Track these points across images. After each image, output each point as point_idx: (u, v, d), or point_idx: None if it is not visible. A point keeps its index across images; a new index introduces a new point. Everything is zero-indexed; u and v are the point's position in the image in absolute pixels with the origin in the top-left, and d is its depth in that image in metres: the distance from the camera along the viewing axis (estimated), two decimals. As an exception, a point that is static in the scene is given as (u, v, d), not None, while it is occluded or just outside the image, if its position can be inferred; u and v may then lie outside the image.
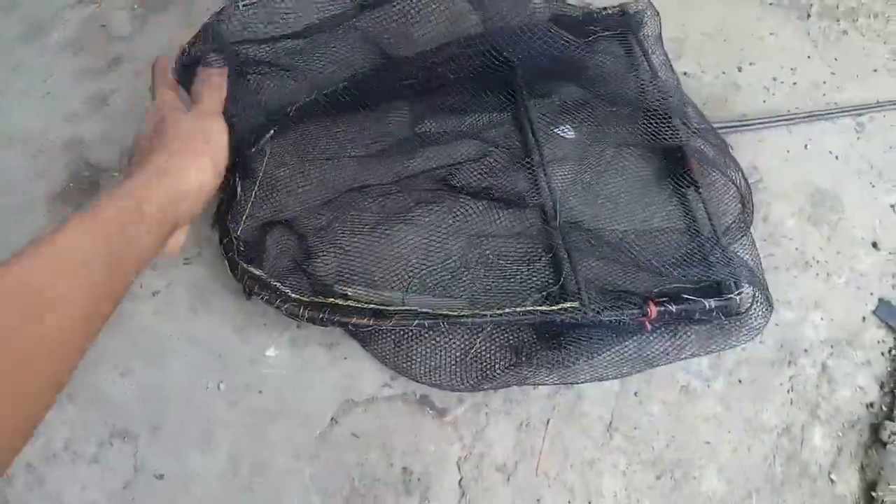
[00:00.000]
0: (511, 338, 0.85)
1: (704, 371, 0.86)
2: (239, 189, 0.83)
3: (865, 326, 0.89)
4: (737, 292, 0.82)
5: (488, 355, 0.84)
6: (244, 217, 0.82)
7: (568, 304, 0.80)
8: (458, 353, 0.84)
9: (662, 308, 0.81)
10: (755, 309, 0.84)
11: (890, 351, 0.87)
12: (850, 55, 1.05)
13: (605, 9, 1.04)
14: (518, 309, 0.81)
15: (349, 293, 0.83)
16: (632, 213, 0.92)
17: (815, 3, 1.09)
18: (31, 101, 0.97)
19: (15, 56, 1.00)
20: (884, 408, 0.85)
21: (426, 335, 0.85)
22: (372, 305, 0.79)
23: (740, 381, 0.85)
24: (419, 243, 0.89)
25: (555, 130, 0.97)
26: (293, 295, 0.80)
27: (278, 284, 0.79)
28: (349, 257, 0.87)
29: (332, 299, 0.80)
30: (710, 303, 0.81)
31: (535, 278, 0.88)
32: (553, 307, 0.80)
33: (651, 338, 0.85)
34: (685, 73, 1.02)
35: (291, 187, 0.90)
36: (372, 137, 0.95)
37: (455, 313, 0.80)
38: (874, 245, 0.93)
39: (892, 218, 0.94)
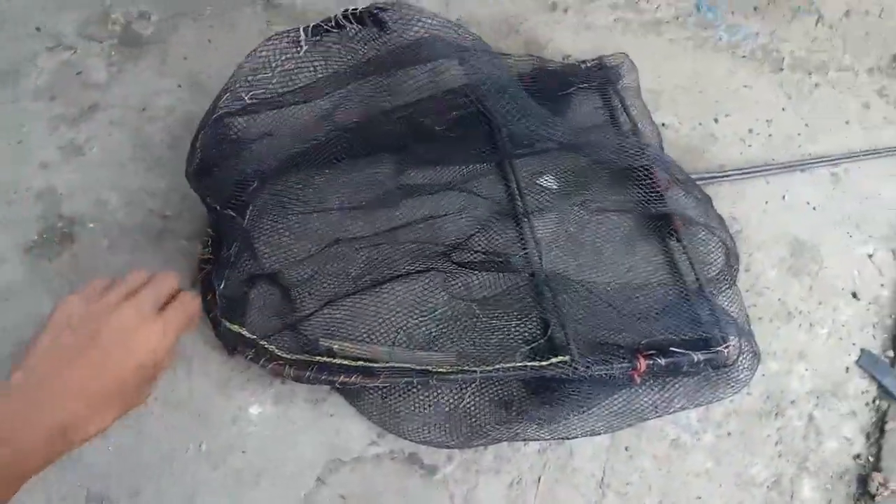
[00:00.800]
0: (500, 392, 0.84)
1: (693, 424, 0.85)
2: (223, 245, 0.81)
3: (849, 377, 0.90)
4: (724, 345, 0.82)
5: (477, 410, 0.83)
6: (227, 273, 0.80)
7: (557, 359, 0.79)
8: (446, 409, 0.82)
9: (651, 361, 0.81)
10: (742, 361, 0.84)
11: (874, 401, 0.89)
12: (822, 107, 1.08)
13: (583, 62, 1.06)
14: (508, 364, 0.80)
15: (334, 348, 0.81)
16: (616, 264, 0.92)
17: (787, 56, 1.12)
18: (3, 148, 0.94)
19: (-14, 103, 0.97)
20: (870, 458, 0.86)
21: (414, 390, 0.83)
22: (359, 363, 0.77)
23: (729, 434, 0.85)
24: (405, 297, 0.88)
25: (538, 181, 0.98)
26: (278, 353, 0.78)
27: (264, 343, 0.77)
28: (333, 310, 0.86)
29: (318, 357, 0.78)
30: (698, 356, 0.81)
31: (522, 330, 0.87)
32: (543, 363, 0.79)
33: (640, 391, 0.84)
34: (663, 124, 1.03)
35: (274, 240, 0.88)
36: (355, 189, 0.94)
37: (444, 370, 0.79)
38: (854, 295, 0.94)
39: (870, 268, 0.96)
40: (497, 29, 1.10)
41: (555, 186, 0.97)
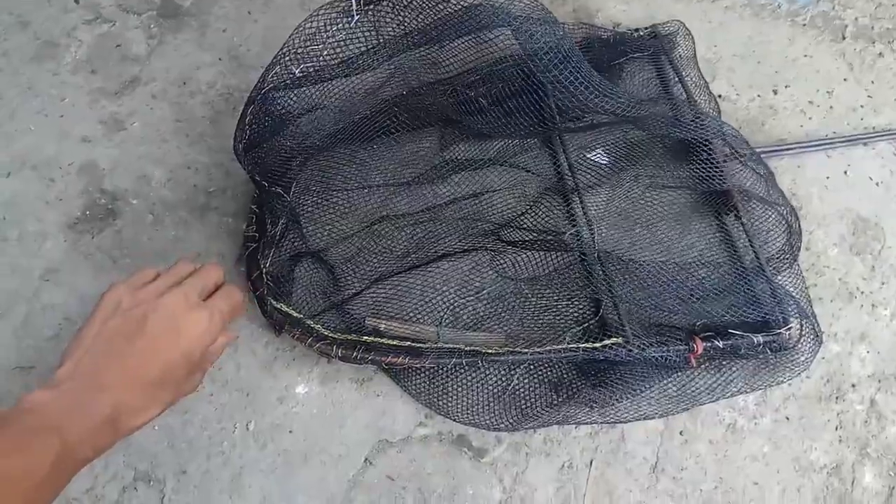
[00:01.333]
0: (549, 373, 0.82)
1: (750, 408, 0.83)
2: (267, 223, 0.79)
3: (913, 360, 0.86)
4: (786, 328, 0.79)
5: (526, 392, 0.81)
6: (272, 251, 0.78)
7: (612, 341, 0.77)
8: (495, 390, 0.81)
9: (708, 344, 0.78)
10: (803, 343, 0.81)
11: (939, 386, 0.85)
12: (886, 78, 1.03)
13: (636, 30, 1.02)
14: (559, 346, 0.78)
15: (381, 327, 0.80)
16: (670, 241, 0.89)
17: (850, 24, 1.06)
18: (44, 123, 0.93)
19: (27, 76, 0.96)
20: (935, 445, 0.82)
21: (461, 371, 0.82)
22: (406, 343, 0.75)
23: (787, 419, 0.82)
24: (452, 275, 0.86)
25: (588, 156, 0.94)
26: (325, 332, 0.76)
27: (310, 322, 0.76)
28: (379, 289, 0.84)
29: (365, 337, 0.77)
30: (758, 338, 0.79)
31: (572, 310, 0.85)
32: (596, 344, 0.77)
33: (695, 374, 0.82)
34: (720, 96, 0.99)
35: (318, 217, 0.86)
36: (400, 164, 0.92)
37: (493, 351, 0.77)
38: (919, 275, 0.90)
39: (936, 247, 0.92)
40: (544, -3, 1.06)
41: (605, 161, 0.94)
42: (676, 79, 0.96)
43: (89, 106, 0.95)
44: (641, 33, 1.01)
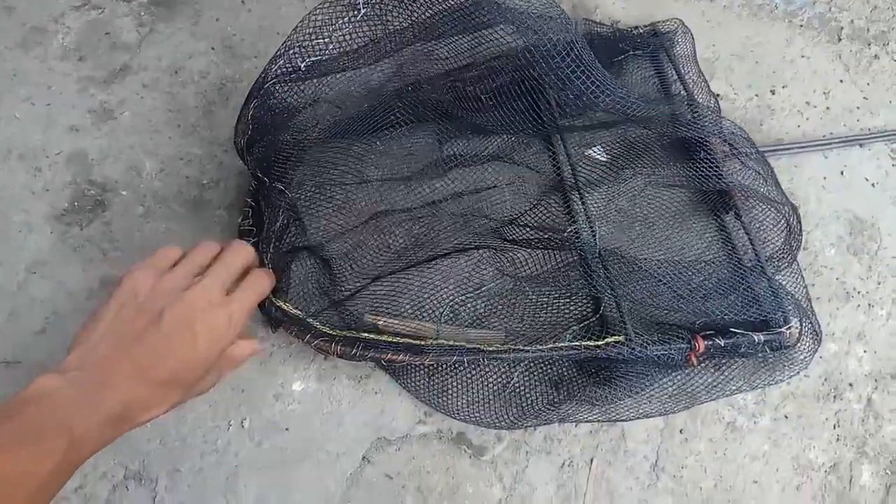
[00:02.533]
0: (550, 371, 0.81)
1: (749, 406, 0.82)
2: (265, 218, 0.77)
3: (909, 360, 0.87)
4: (786, 326, 0.79)
5: (526, 390, 0.80)
6: (271, 246, 0.76)
7: (613, 339, 0.76)
8: (495, 388, 0.80)
9: (710, 342, 0.77)
10: (803, 342, 0.81)
11: (935, 385, 0.85)
12: (882, 80, 1.03)
13: (636, 27, 1.01)
14: (561, 344, 0.77)
15: (380, 323, 0.78)
16: (670, 240, 0.88)
17: (846, 26, 1.07)
18: (31, 111, 0.90)
19: (12, 63, 0.93)
20: (931, 445, 0.83)
21: (461, 368, 0.80)
22: (406, 340, 0.74)
23: (786, 417, 0.82)
24: (451, 272, 0.84)
25: (587, 152, 0.94)
26: (323, 329, 0.75)
27: (309, 319, 0.74)
28: (377, 285, 0.82)
29: (364, 333, 0.75)
30: (759, 336, 0.78)
31: (573, 308, 0.84)
32: (598, 342, 0.76)
33: (695, 373, 0.81)
34: (718, 95, 0.99)
35: (316, 212, 0.85)
36: (398, 160, 0.90)
37: (494, 348, 0.76)
38: (914, 275, 0.91)
39: (931, 247, 0.93)
40: (542, -8, 1.05)
41: (604, 158, 0.93)
42: (676, 77, 0.95)
43: (78, 94, 0.92)
44: (641, 31, 1.00)
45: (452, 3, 0.71)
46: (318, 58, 0.69)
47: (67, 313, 0.79)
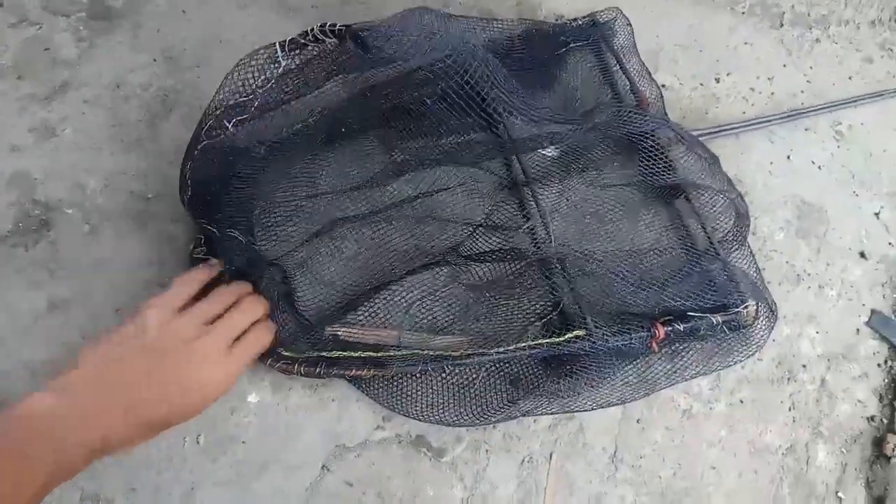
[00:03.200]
0: (510, 369, 0.81)
1: (705, 393, 0.83)
2: (215, 231, 0.76)
3: (860, 338, 0.88)
4: (743, 306, 0.80)
5: (485, 389, 0.80)
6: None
7: (574, 334, 0.76)
8: (456, 389, 0.79)
9: (670, 328, 0.78)
10: (759, 322, 0.82)
11: (886, 362, 0.87)
12: (824, 63, 1.05)
13: (575, 19, 1.01)
14: (524, 344, 0.77)
15: (340, 334, 0.78)
16: (623, 231, 0.89)
17: (787, 11, 1.08)
18: (-31, 133, 0.88)
19: (-51, 83, 0.91)
20: (884, 420, 0.84)
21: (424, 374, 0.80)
22: (369, 354, 0.74)
23: (742, 402, 0.83)
24: (410, 280, 0.84)
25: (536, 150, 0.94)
26: (285, 353, 0.74)
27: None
28: (332, 293, 0.82)
29: (325, 353, 0.75)
30: (717, 318, 0.79)
31: (533, 306, 0.84)
32: (560, 339, 0.76)
33: (654, 360, 0.82)
34: (663, 86, 1.00)
35: (266, 224, 0.84)
36: (346, 168, 0.89)
37: (458, 353, 0.76)
38: (862, 255, 0.92)
39: (877, 227, 0.94)
40: (487, -9, 1.06)
41: (554, 154, 0.93)
42: (618, 67, 0.96)
43: (18, 113, 0.90)
44: (580, 22, 1.00)
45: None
46: (245, 116, 0.69)
47: (12, 337, 0.78)
